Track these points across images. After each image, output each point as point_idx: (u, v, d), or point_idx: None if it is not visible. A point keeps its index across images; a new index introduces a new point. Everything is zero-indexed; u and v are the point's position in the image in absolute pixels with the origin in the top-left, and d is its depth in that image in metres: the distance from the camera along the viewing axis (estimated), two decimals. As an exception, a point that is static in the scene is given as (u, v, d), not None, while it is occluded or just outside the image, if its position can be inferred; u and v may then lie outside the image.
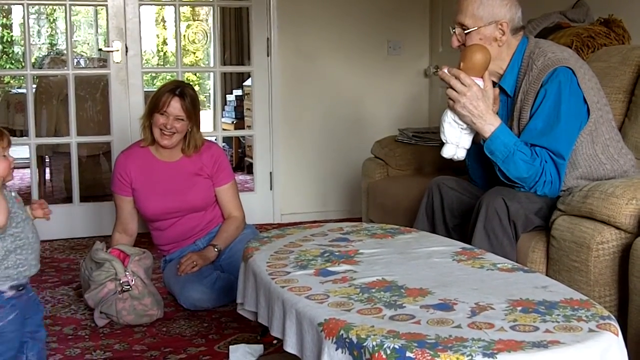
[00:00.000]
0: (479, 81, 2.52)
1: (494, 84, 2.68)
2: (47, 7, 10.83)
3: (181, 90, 3.30)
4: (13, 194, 2.13)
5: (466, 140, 2.58)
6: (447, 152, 2.60)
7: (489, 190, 2.52)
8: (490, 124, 2.49)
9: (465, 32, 2.59)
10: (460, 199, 2.77)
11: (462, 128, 2.56)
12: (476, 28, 2.57)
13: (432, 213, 2.82)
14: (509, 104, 2.67)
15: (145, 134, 3.39)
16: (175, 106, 3.26)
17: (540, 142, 2.48)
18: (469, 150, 2.62)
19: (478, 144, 2.61)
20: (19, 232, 2.08)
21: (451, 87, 2.51)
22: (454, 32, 2.65)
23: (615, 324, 1.54)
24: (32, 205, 2.23)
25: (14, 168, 2.14)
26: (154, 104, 3.31)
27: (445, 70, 2.54)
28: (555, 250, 2.39)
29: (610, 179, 2.51)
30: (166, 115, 3.27)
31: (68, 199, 4.99)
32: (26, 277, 2.12)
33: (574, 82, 2.49)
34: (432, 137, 3.95)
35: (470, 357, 1.36)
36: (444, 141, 2.60)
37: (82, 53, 10.58)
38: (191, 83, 4.42)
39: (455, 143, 2.58)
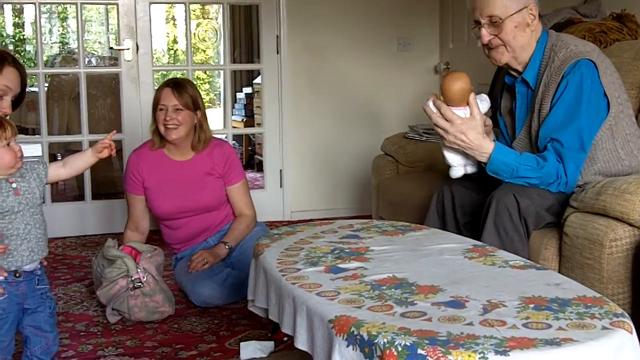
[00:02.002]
0: (461, 111, 2.49)
1: (519, 74, 2.66)
2: (58, 6, 10.87)
3: (175, 82, 3.36)
4: (14, 185, 2.14)
5: (472, 158, 2.57)
6: (456, 174, 2.61)
7: (500, 186, 2.50)
8: (483, 151, 2.48)
9: (499, 21, 2.56)
10: (471, 196, 2.76)
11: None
12: (510, 14, 2.55)
13: (443, 210, 2.81)
14: (529, 96, 2.66)
15: (154, 138, 3.40)
16: (169, 97, 3.29)
17: (560, 135, 2.46)
18: None
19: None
20: (7, 223, 2.11)
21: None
22: (481, 27, 2.61)
23: (629, 321, 1.53)
24: (99, 147, 2.31)
25: (22, 157, 2.16)
26: (154, 102, 3.35)
27: (430, 104, 2.53)
28: (567, 248, 2.38)
29: (628, 175, 2.49)
30: (165, 109, 3.28)
31: (80, 197, 5.01)
32: (20, 267, 2.14)
33: (595, 75, 2.47)
34: (440, 138, 3.92)
35: (482, 355, 1.36)
36: (449, 165, 2.60)
37: (93, 52, 10.61)
38: (201, 81, 4.42)
39: (461, 164, 2.59)
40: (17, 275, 2.14)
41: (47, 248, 2.24)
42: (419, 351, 1.39)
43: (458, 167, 2.59)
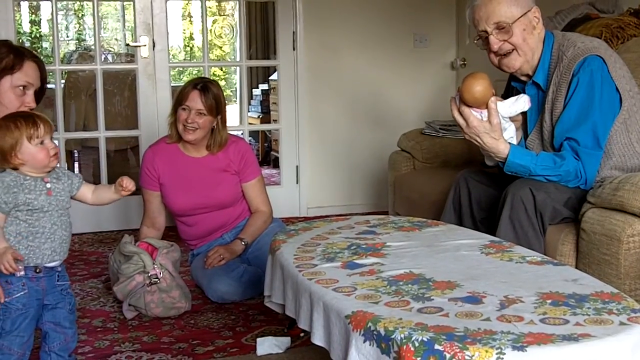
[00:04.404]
0: (479, 113, 2.48)
1: (528, 78, 2.66)
2: (74, 3, 10.92)
3: (203, 85, 3.31)
4: (48, 185, 2.16)
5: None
6: (490, 162, 2.61)
7: (516, 180, 2.50)
8: (499, 154, 2.49)
9: (508, 26, 2.55)
10: (488, 192, 2.76)
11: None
12: (517, 18, 2.54)
13: (460, 206, 2.81)
14: (540, 98, 2.65)
15: (171, 131, 3.40)
16: (195, 99, 3.26)
17: (575, 134, 2.46)
18: None
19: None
20: (34, 220, 2.13)
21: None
22: (488, 36, 2.59)
23: (646, 317, 1.52)
24: (119, 188, 2.29)
25: (56, 155, 2.17)
26: (178, 98, 3.33)
27: (457, 98, 2.51)
28: (585, 243, 2.37)
29: (644, 169, 2.49)
30: (188, 110, 3.27)
31: (96, 193, 5.02)
32: (40, 264, 2.16)
33: (605, 71, 2.47)
34: (459, 130, 3.92)
35: (499, 350, 1.35)
36: (483, 153, 2.60)
37: (110, 48, 10.66)
38: (217, 77, 4.42)
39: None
40: (38, 270, 2.16)
41: (68, 251, 2.26)
42: (436, 347, 1.39)
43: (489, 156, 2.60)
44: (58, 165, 2.23)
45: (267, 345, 2.64)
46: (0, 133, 2.12)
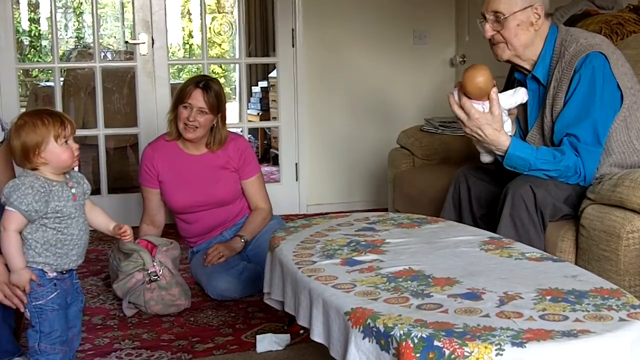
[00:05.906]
0: (480, 105, 2.49)
1: (528, 72, 2.66)
2: (74, 0, 10.92)
3: (205, 83, 3.30)
4: (73, 190, 2.15)
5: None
6: (485, 159, 2.62)
7: (516, 178, 2.50)
8: (500, 146, 2.49)
9: (502, 18, 2.56)
10: (488, 188, 2.76)
11: None
12: (514, 12, 2.54)
13: (459, 203, 2.81)
14: (541, 93, 2.65)
15: (170, 128, 3.39)
16: (197, 98, 3.25)
17: (575, 130, 2.46)
18: None
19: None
20: (63, 228, 2.11)
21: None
22: (486, 22, 2.60)
23: (646, 313, 1.52)
24: (116, 230, 2.29)
25: (78, 157, 2.15)
26: (179, 96, 3.32)
27: (455, 92, 2.52)
28: (584, 240, 2.37)
29: (644, 166, 2.49)
30: (189, 108, 3.26)
31: (96, 191, 5.02)
32: (65, 269, 2.16)
33: (607, 68, 2.47)
34: (459, 127, 3.91)
35: (498, 347, 1.36)
36: (479, 150, 2.60)
37: (109, 46, 10.65)
38: (217, 75, 4.41)
39: (488, 150, 2.59)
40: (64, 272, 2.17)
41: None
42: (436, 343, 1.39)
43: (488, 152, 2.59)
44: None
45: (266, 342, 2.65)
46: (25, 130, 2.04)
